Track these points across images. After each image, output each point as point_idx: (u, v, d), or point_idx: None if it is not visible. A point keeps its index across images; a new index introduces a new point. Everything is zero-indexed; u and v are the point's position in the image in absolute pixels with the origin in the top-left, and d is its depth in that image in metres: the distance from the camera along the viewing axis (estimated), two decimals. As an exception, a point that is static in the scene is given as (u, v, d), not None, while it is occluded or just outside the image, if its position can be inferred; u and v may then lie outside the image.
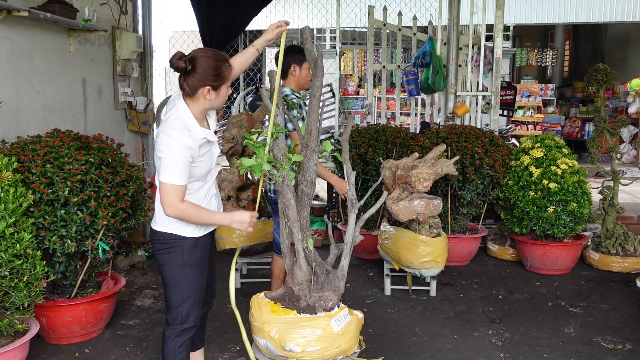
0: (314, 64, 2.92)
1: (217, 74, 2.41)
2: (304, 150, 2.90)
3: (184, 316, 2.54)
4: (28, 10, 3.88)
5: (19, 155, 3.24)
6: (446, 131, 5.23)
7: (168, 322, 2.57)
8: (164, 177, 2.37)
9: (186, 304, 2.54)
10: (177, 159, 2.35)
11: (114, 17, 5.61)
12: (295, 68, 3.69)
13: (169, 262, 2.53)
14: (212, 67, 2.40)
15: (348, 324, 2.83)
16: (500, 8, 6.03)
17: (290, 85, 3.71)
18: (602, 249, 5.15)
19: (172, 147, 2.35)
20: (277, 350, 2.74)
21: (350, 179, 2.90)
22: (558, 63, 13.90)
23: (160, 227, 2.53)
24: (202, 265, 2.60)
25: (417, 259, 4.22)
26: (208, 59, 2.40)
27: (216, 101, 2.47)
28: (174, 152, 2.35)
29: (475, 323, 3.91)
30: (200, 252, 2.57)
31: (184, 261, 2.52)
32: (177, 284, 2.53)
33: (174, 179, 2.36)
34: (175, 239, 2.51)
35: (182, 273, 2.53)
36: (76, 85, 4.99)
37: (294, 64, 3.67)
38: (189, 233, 2.53)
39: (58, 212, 3.19)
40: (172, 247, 2.52)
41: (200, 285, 2.59)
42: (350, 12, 8.89)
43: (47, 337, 3.50)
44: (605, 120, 5.36)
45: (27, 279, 2.86)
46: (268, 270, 4.83)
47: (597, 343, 3.62)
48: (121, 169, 3.48)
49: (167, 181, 2.37)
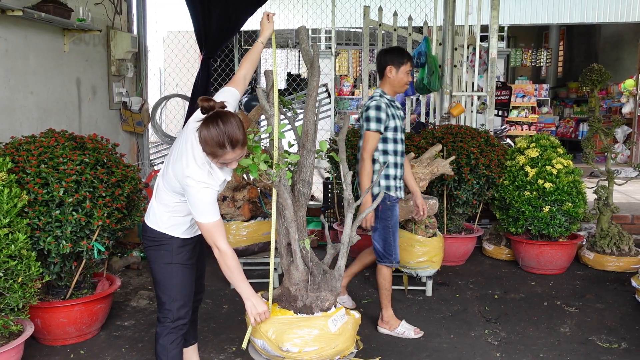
0: (310, 64, 2.92)
1: (211, 152, 2.36)
2: (300, 150, 2.90)
3: (174, 313, 2.59)
4: (22, 10, 3.86)
5: (14, 155, 3.22)
6: (442, 131, 5.23)
7: (159, 320, 2.62)
8: (204, 219, 2.43)
9: (176, 302, 2.59)
10: (207, 200, 2.42)
11: (109, 17, 5.59)
12: (392, 70, 3.54)
13: (158, 259, 2.58)
14: (209, 144, 2.33)
15: (345, 324, 2.83)
16: (495, 8, 6.04)
17: (384, 88, 3.59)
18: (597, 248, 5.17)
19: (198, 191, 2.39)
20: (274, 350, 2.74)
21: (346, 179, 2.90)
22: (552, 63, 13.95)
23: (152, 224, 2.58)
24: (190, 264, 2.64)
25: (413, 259, 4.23)
26: (212, 136, 2.31)
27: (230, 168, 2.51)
28: (203, 195, 2.40)
29: (472, 323, 3.92)
30: (188, 251, 2.62)
31: (171, 259, 2.57)
32: (165, 282, 2.59)
33: (211, 217, 2.44)
34: (164, 237, 2.56)
35: (170, 271, 2.58)
36: (71, 86, 4.97)
37: (391, 66, 3.53)
38: (179, 234, 2.58)
39: (53, 212, 3.17)
40: (161, 245, 2.57)
41: (189, 284, 2.64)
42: (346, 12, 8.88)
43: (42, 339, 3.48)
44: (600, 120, 5.39)
45: (21, 280, 2.84)
46: (264, 271, 4.83)
47: (592, 342, 3.63)
48: (116, 169, 3.47)
49: (207, 222, 2.44)
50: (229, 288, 4.52)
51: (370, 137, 3.48)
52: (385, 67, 3.58)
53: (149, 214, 2.62)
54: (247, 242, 4.39)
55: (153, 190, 2.63)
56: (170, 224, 2.55)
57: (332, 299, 2.83)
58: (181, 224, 2.57)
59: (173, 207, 2.53)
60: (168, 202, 2.54)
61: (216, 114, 2.33)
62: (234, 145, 2.32)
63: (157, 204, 2.57)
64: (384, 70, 3.59)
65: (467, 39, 6.20)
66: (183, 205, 2.52)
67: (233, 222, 4.36)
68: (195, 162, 2.39)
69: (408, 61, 3.57)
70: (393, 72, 3.56)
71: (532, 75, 14.35)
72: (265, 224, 4.44)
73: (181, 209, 2.53)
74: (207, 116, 2.33)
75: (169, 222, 2.55)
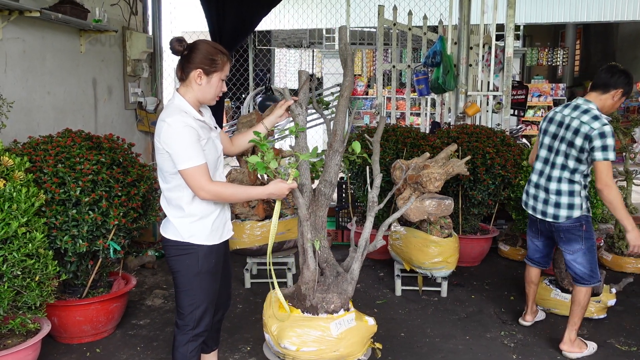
0: (344, 63, 2.90)
1: (211, 59, 2.41)
2: (327, 150, 2.88)
3: (196, 322, 2.51)
4: (39, 11, 3.89)
5: (31, 155, 3.25)
6: (457, 131, 5.19)
7: (179, 327, 2.53)
8: (182, 164, 2.32)
9: (198, 310, 2.50)
10: (185, 141, 2.31)
11: (124, 17, 5.63)
12: (616, 94, 3.31)
13: (183, 269, 2.47)
14: (208, 52, 2.41)
15: (351, 329, 2.74)
16: (511, 7, 5.98)
17: (597, 102, 3.33)
18: (615, 249, 5.10)
19: (176, 131, 2.31)
20: (275, 346, 2.73)
21: (375, 181, 2.87)
22: (569, 63, 13.80)
23: (171, 236, 2.46)
24: (216, 272, 2.55)
25: (428, 260, 4.20)
26: (206, 45, 2.43)
27: (207, 89, 2.43)
28: (180, 135, 2.31)
29: (487, 324, 3.88)
30: (215, 258, 2.52)
31: (199, 268, 2.46)
32: (190, 291, 2.48)
33: (192, 161, 2.31)
34: (189, 247, 2.45)
35: (197, 280, 2.47)
36: (87, 86, 5.01)
37: (618, 89, 3.30)
38: (203, 241, 2.46)
39: (70, 211, 3.19)
40: (187, 254, 2.45)
41: (213, 292, 2.55)
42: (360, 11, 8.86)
43: (58, 337, 3.51)
44: (619, 120, 5.31)
45: (39, 278, 2.87)
46: (278, 271, 4.83)
47: (611, 345, 3.58)
48: (132, 169, 3.48)
49: (186, 167, 2.32)
50: (244, 288, 4.53)
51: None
52: (612, 89, 3.32)
53: (166, 226, 2.49)
54: (262, 242, 4.38)
55: (161, 198, 2.55)
56: (192, 232, 2.43)
57: (339, 302, 2.77)
58: (202, 229, 2.45)
59: (185, 202, 2.41)
60: (175, 198, 2.42)
61: (193, 42, 2.44)
62: (225, 53, 2.45)
63: (170, 210, 2.47)
64: (607, 89, 3.32)
65: (482, 38, 6.15)
66: (191, 197, 2.40)
67: (247, 222, 4.36)
68: (168, 108, 2.41)
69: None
70: (615, 97, 3.34)
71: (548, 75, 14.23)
72: (279, 224, 4.43)
73: (192, 203, 2.42)
74: (187, 45, 2.42)
75: (190, 231, 2.43)
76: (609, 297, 4.01)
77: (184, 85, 2.46)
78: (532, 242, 3.74)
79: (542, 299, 4.08)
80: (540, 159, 3.52)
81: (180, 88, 2.47)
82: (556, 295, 4.06)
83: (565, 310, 3.82)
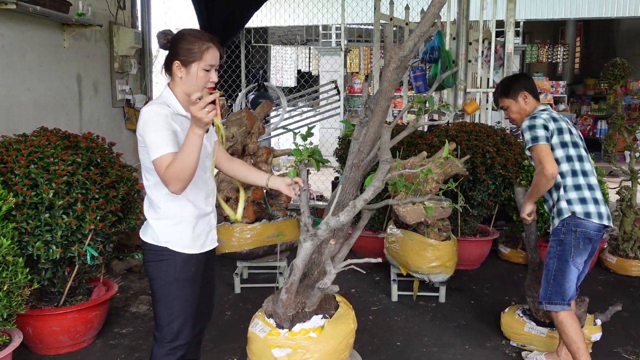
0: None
1: (187, 49, 2.23)
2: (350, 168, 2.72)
3: (174, 334, 2.32)
4: (15, 3, 3.71)
5: (2, 155, 3.06)
6: (456, 129, 5.01)
7: (156, 339, 2.35)
8: (154, 154, 2.13)
9: (177, 322, 2.31)
10: (155, 129, 2.15)
11: (111, 11, 5.44)
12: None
13: (160, 275, 2.29)
14: (185, 41, 2.24)
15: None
16: (512, 1, 5.80)
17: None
18: (620, 252, 4.93)
19: (147, 118, 2.17)
20: None
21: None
22: (569, 60, 13.60)
23: (149, 239, 2.30)
24: (196, 280, 2.35)
25: (426, 264, 4.01)
26: (185, 35, 2.27)
27: (188, 80, 2.24)
28: (150, 122, 2.16)
29: (488, 332, 3.69)
30: (195, 266, 2.33)
31: (176, 275, 2.28)
32: (167, 300, 2.30)
33: (160, 150, 2.12)
34: (166, 251, 2.27)
35: (174, 288, 2.29)
36: (71, 82, 4.81)
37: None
38: (181, 248, 2.28)
39: (42, 215, 2.99)
40: (163, 260, 2.28)
41: (193, 302, 2.35)
42: (356, 6, 8.67)
43: (33, 348, 3.32)
44: (623, 117, 5.13)
45: (7, 287, 2.67)
46: (269, 275, 4.65)
47: (618, 354, 3.41)
48: (111, 170, 3.28)
49: (157, 155, 2.12)
50: (233, 293, 4.34)
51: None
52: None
53: (145, 230, 2.33)
54: (252, 245, 4.19)
55: (144, 200, 2.38)
56: (170, 237, 2.26)
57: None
58: (182, 236, 2.27)
59: (162, 201, 2.25)
60: (155, 198, 2.26)
61: (176, 33, 2.31)
62: (213, 39, 2.29)
63: (149, 212, 2.31)
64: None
65: (482, 33, 5.97)
66: (167, 196, 2.23)
67: (236, 225, 4.17)
68: (149, 102, 2.28)
69: None
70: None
71: (548, 72, 14.04)
72: (270, 227, 4.24)
73: (167, 202, 2.25)
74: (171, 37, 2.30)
75: (167, 235, 2.26)
76: (592, 330, 3.31)
77: (172, 79, 2.32)
78: (576, 275, 3.07)
79: (515, 333, 3.45)
80: (577, 157, 3.06)
81: (170, 83, 2.34)
82: (531, 329, 3.38)
83: (542, 347, 3.30)
